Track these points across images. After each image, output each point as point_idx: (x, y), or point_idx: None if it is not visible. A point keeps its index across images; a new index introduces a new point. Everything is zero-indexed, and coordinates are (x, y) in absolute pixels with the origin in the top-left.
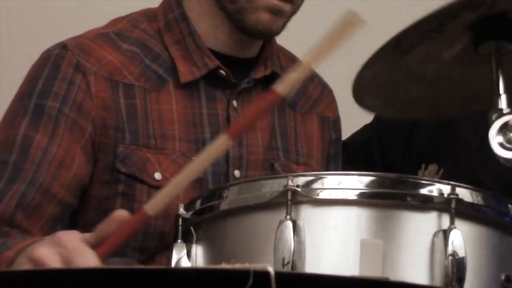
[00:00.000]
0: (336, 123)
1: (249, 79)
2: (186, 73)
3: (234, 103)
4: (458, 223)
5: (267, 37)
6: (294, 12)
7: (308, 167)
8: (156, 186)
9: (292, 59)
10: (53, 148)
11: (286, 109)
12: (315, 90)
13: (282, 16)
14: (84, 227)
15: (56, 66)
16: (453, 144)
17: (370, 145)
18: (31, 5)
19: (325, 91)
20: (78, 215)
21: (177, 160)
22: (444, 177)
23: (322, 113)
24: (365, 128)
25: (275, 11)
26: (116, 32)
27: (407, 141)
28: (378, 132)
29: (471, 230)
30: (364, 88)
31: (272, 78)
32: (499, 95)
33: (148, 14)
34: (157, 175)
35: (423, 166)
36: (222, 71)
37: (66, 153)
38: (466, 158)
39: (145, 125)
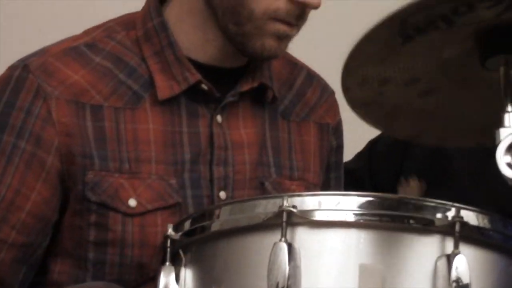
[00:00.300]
0: (337, 130)
1: (235, 92)
2: (164, 88)
3: (219, 118)
4: (462, 247)
5: (266, 60)
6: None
7: (303, 182)
8: (131, 214)
9: (287, 60)
10: (2, 189)
11: (278, 119)
12: (313, 95)
13: (288, 41)
14: (62, 257)
15: (15, 92)
16: (444, 170)
17: (360, 174)
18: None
19: (325, 95)
20: (56, 245)
21: (153, 185)
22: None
23: (320, 120)
24: (357, 157)
25: (282, 37)
26: (89, 44)
27: (398, 169)
28: (369, 160)
29: (476, 255)
30: (354, 72)
31: (261, 90)
32: (507, 112)
33: (126, 22)
34: (132, 202)
35: (403, 180)
36: (204, 86)
37: (17, 192)
38: (459, 183)
39: (117, 148)
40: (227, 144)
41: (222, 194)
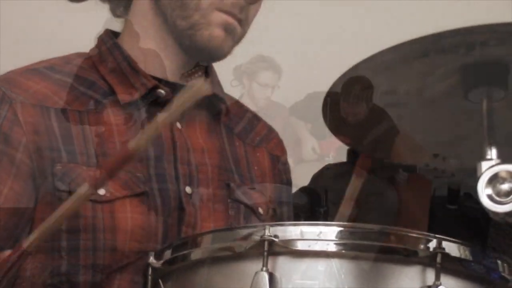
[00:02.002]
0: (286, 165)
1: None
2: (124, 94)
3: (178, 124)
4: (444, 279)
5: (214, 58)
6: (240, 38)
7: (263, 194)
8: (101, 201)
9: (236, 102)
10: None
11: (235, 139)
12: (263, 129)
13: (233, 36)
14: (33, 252)
15: None
16: None
17: (317, 191)
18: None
19: (273, 133)
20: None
21: (120, 176)
22: None
23: (272, 151)
24: (312, 179)
25: (228, 29)
26: (48, 67)
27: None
28: (322, 178)
29: (457, 286)
30: (351, 74)
31: (215, 100)
32: (488, 144)
33: (81, 54)
34: (101, 191)
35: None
36: (161, 90)
37: None
38: None
39: (84, 145)
40: (188, 147)
41: (188, 189)
